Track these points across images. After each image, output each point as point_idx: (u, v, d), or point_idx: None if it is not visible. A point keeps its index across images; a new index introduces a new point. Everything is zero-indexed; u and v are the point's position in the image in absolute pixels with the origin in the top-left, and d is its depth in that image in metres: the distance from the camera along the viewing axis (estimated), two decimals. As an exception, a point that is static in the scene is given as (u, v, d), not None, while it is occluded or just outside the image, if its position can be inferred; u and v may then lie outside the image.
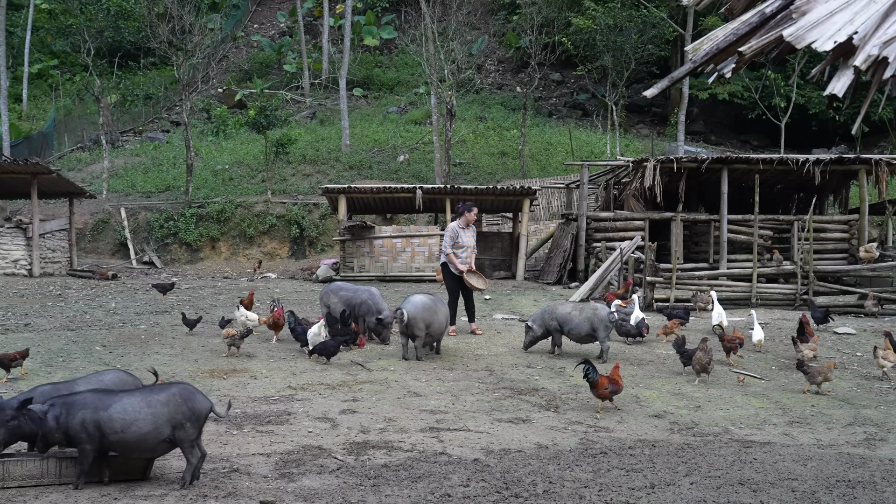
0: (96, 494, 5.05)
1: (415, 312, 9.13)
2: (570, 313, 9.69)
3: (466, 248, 10.96)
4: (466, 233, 11.04)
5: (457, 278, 10.90)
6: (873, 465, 6.07)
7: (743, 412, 7.58)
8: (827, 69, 3.65)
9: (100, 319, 12.26)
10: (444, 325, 9.60)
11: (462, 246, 10.94)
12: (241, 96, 33.87)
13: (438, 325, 9.41)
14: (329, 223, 23.39)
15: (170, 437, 5.17)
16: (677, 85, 26.74)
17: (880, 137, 30.25)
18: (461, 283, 10.93)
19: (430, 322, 9.27)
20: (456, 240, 10.95)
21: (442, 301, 9.78)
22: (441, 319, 9.45)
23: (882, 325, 12.63)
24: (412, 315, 9.12)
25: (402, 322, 9.17)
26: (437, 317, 9.37)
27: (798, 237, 17.84)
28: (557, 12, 30.83)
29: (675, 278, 14.24)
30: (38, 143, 29.27)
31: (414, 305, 9.19)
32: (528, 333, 9.90)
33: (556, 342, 9.91)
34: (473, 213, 11.14)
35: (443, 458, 5.93)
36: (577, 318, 9.61)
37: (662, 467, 5.84)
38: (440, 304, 9.58)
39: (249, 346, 10.04)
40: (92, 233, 23.41)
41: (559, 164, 26.38)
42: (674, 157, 19.61)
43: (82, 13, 32.57)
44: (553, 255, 19.72)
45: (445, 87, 25.60)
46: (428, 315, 9.23)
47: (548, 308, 9.98)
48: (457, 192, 19.32)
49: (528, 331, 9.93)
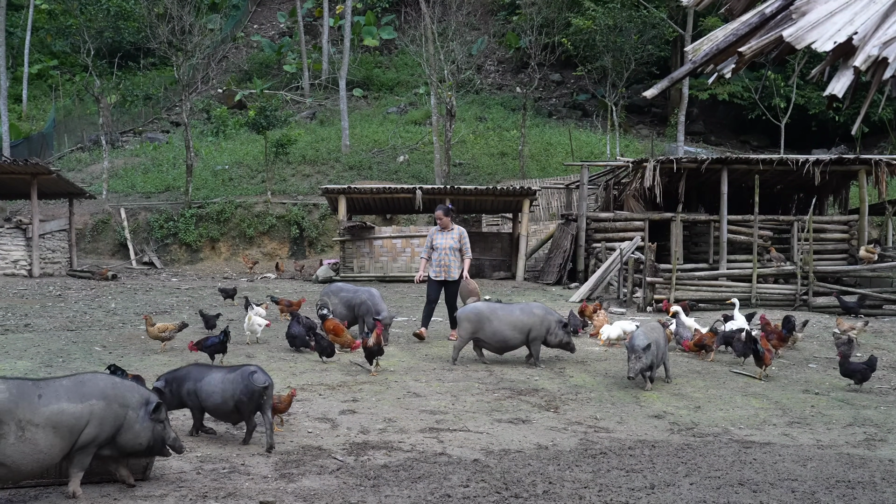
0: (96, 494, 5.04)
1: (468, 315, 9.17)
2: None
3: (439, 251, 10.51)
4: (442, 235, 10.57)
5: (434, 283, 10.61)
6: (873, 465, 6.07)
7: (743, 412, 7.58)
8: (827, 70, 3.65)
9: (99, 320, 12.26)
10: (498, 335, 9.24)
11: (435, 248, 10.57)
12: (240, 97, 33.89)
13: (491, 333, 9.17)
14: (329, 223, 23.40)
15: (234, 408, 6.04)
16: (677, 85, 26.74)
17: (880, 138, 30.26)
18: (440, 287, 10.60)
19: (480, 328, 9.15)
20: (431, 243, 10.64)
21: (503, 308, 9.44)
22: (495, 327, 9.16)
23: (882, 325, 12.64)
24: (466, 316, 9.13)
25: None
26: (490, 324, 9.14)
27: (798, 237, 17.85)
28: (557, 13, 30.85)
29: (675, 279, 14.23)
30: (38, 144, 29.28)
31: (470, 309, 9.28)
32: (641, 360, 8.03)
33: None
34: (438, 214, 10.64)
35: (443, 459, 5.93)
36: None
37: (662, 468, 5.84)
38: (500, 311, 9.31)
39: (249, 347, 10.04)
40: (92, 233, 23.42)
41: (559, 164, 26.40)
42: (673, 157, 19.64)
43: (82, 13, 32.57)
44: (553, 255, 19.73)
45: (445, 87, 25.61)
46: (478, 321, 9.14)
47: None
48: (457, 192, 19.33)
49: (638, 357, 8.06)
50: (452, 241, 10.53)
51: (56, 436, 4.64)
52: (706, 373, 9.14)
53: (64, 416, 4.66)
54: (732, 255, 17.91)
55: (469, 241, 10.78)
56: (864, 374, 8.40)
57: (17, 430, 4.52)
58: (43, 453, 4.60)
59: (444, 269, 10.53)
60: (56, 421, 4.64)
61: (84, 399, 4.77)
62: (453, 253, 10.53)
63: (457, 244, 10.54)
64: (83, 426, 4.74)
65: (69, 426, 4.69)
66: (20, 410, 4.54)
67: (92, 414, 4.78)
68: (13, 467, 4.55)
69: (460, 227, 10.74)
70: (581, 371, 9.09)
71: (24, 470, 4.61)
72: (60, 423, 4.65)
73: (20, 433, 4.52)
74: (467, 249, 10.64)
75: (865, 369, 8.38)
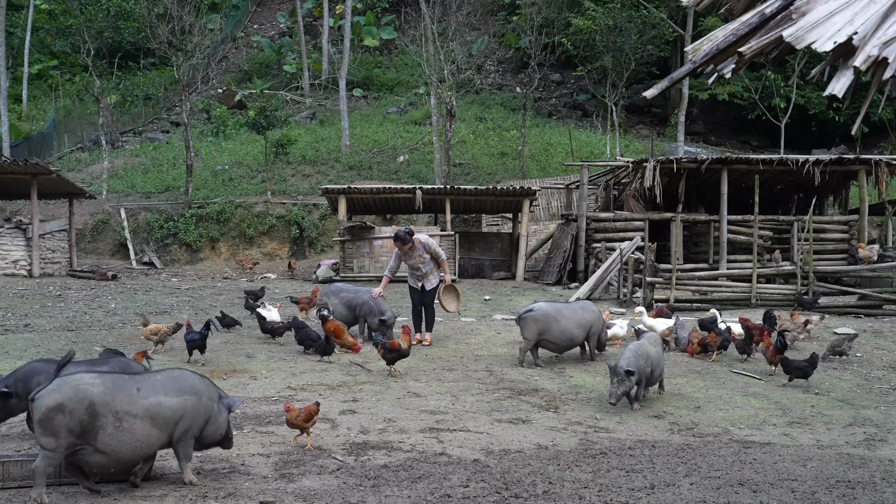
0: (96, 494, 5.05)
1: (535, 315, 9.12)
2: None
3: (413, 269, 10.35)
4: (411, 256, 10.27)
5: (414, 289, 10.49)
6: (873, 465, 6.07)
7: (743, 413, 7.58)
8: (827, 70, 3.65)
9: (99, 320, 12.26)
10: (566, 333, 9.24)
11: (409, 266, 10.38)
12: (240, 97, 33.89)
13: (559, 332, 9.18)
14: (329, 224, 23.39)
15: None
16: (677, 85, 26.75)
17: (880, 138, 30.26)
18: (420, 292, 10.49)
19: (547, 328, 9.15)
20: (397, 263, 10.44)
21: (567, 307, 9.49)
22: (563, 326, 9.18)
23: (882, 326, 12.64)
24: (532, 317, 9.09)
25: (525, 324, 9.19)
26: (558, 324, 9.17)
27: (798, 237, 17.85)
28: (557, 13, 30.85)
29: (675, 279, 14.24)
30: (38, 144, 29.27)
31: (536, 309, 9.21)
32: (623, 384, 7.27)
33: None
34: (396, 245, 10.28)
35: (443, 459, 5.93)
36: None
37: (662, 468, 5.84)
38: (565, 310, 9.37)
39: (250, 347, 10.05)
40: (92, 233, 23.41)
41: (559, 164, 26.39)
42: (673, 157, 19.64)
43: (82, 14, 32.56)
44: (553, 255, 19.73)
45: (445, 87, 25.61)
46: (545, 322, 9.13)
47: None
48: (457, 192, 19.34)
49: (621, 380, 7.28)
50: (420, 256, 10.29)
51: (154, 426, 4.99)
52: (706, 373, 9.14)
53: (161, 409, 5.01)
54: (732, 255, 17.92)
55: (435, 244, 10.47)
56: (805, 371, 8.55)
57: (114, 421, 4.85)
58: (140, 442, 4.95)
59: (420, 280, 10.41)
60: (154, 413, 4.98)
61: (180, 393, 5.13)
62: (426, 265, 10.35)
63: (426, 256, 10.33)
64: (178, 419, 5.08)
65: (166, 418, 5.03)
66: (117, 402, 4.87)
67: (186, 408, 5.12)
68: (113, 455, 4.89)
69: (420, 238, 10.33)
70: (581, 371, 9.09)
71: (123, 458, 4.96)
72: (158, 414, 5.00)
73: (118, 424, 4.86)
74: (438, 253, 10.38)
75: (807, 366, 8.52)
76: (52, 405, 4.74)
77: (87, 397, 4.80)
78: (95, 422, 4.80)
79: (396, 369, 8.68)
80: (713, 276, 15.42)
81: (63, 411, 4.73)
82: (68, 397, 4.77)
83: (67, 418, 4.74)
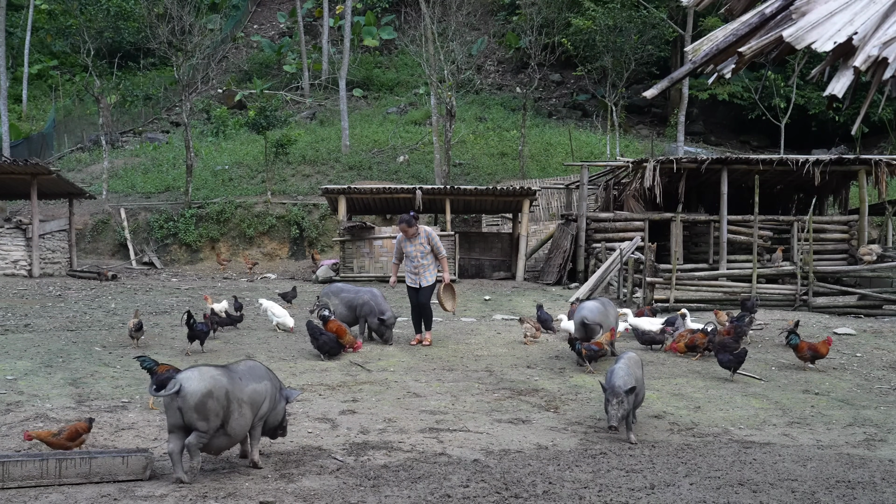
0: (96, 494, 5.05)
1: (592, 317, 9.61)
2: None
3: (411, 258, 10.33)
4: (411, 242, 10.32)
5: (411, 289, 10.48)
6: (873, 465, 6.07)
7: (743, 413, 7.58)
8: (827, 70, 3.65)
9: (99, 320, 12.26)
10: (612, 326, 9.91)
11: (407, 256, 10.40)
12: (240, 97, 33.89)
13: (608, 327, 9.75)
14: (329, 224, 23.39)
15: None
16: (677, 85, 26.75)
17: (880, 138, 30.27)
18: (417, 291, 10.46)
19: (603, 323, 9.72)
20: (400, 250, 10.47)
21: (611, 304, 10.28)
22: (611, 322, 9.85)
23: (882, 326, 12.63)
24: (591, 320, 9.58)
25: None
26: (608, 319, 9.82)
27: (798, 237, 17.85)
28: (557, 13, 30.85)
29: (675, 279, 14.23)
30: (38, 144, 29.27)
31: (590, 310, 9.72)
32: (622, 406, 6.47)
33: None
34: (402, 227, 10.31)
35: (442, 459, 5.93)
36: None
37: (662, 468, 5.84)
38: (610, 306, 10.10)
39: (250, 347, 10.05)
40: (92, 233, 23.41)
41: (559, 164, 26.40)
42: (673, 157, 19.65)
43: (82, 14, 32.56)
44: (553, 255, 19.73)
45: (445, 87, 25.60)
46: (601, 318, 9.71)
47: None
48: (456, 192, 19.34)
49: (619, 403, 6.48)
50: (421, 245, 10.28)
51: (251, 410, 5.55)
52: (706, 373, 9.13)
53: (256, 395, 5.60)
54: (732, 255, 17.91)
55: (439, 239, 10.49)
56: (728, 365, 8.79)
57: (238, 408, 5.44)
58: (244, 426, 5.52)
59: (417, 275, 10.39)
60: (252, 398, 5.56)
61: (261, 380, 5.68)
62: (425, 257, 10.33)
63: (426, 247, 10.32)
64: (262, 402, 5.64)
65: (257, 402, 5.61)
66: (236, 391, 5.45)
67: (266, 392, 5.68)
68: (234, 437, 5.48)
69: (426, 228, 10.41)
70: (581, 371, 9.09)
71: (235, 440, 5.55)
72: (254, 400, 5.58)
73: (239, 409, 5.45)
74: (439, 248, 10.35)
75: (731, 360, 8.78)
76: (205, 391, 5.26)
77: (223, 385, 5.36)
78: (230, 407, 5.37)
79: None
80: (713, 276, 15.42)
81: (213, 397, 5.28)
82: (214, 385, 5.31)
83: (216, 403, 5.28)
